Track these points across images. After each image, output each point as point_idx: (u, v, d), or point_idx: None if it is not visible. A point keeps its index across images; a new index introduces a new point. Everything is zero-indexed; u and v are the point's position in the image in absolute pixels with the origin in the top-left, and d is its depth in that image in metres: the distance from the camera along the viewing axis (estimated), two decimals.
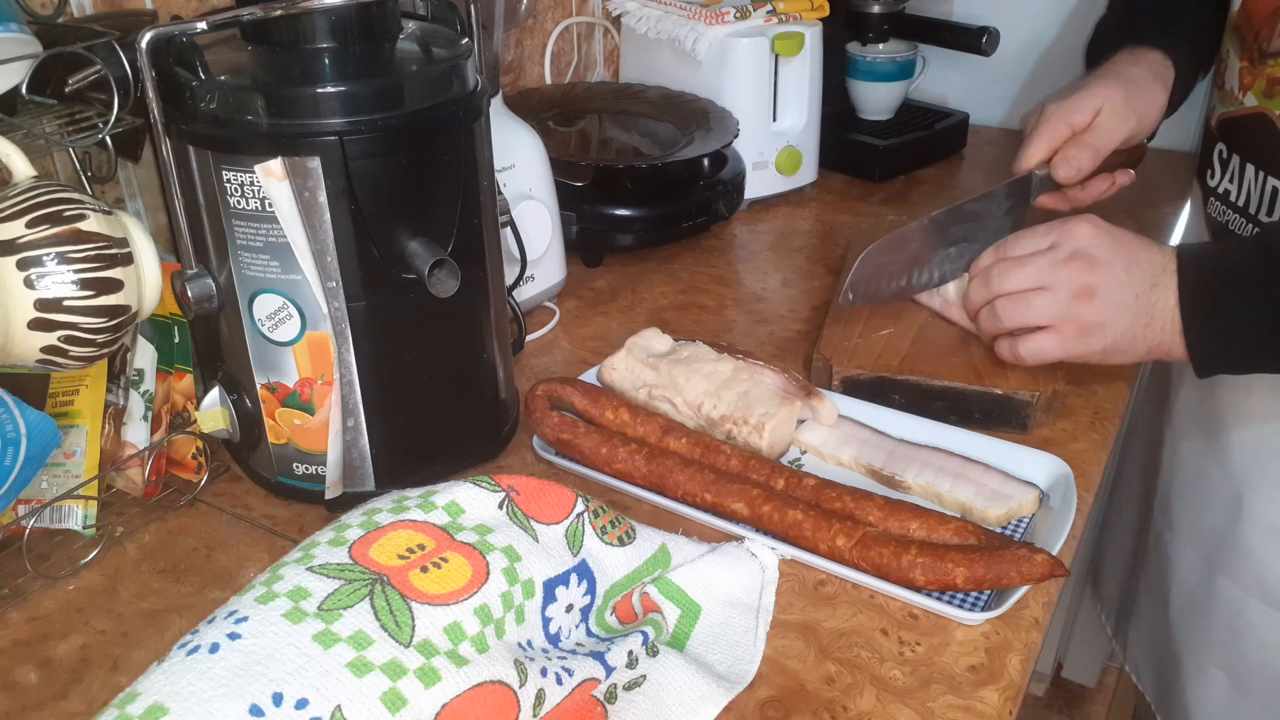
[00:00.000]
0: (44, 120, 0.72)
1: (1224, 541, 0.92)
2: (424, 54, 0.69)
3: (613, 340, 0.92)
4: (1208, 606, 0.95)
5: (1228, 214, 0.84)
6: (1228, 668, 0.94)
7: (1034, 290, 0.74)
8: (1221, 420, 0.92)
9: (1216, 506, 0.93)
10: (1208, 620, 0.95)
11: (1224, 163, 0.83)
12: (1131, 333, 0.71)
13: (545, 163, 0.96)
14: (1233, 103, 0.81)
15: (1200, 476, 0.95)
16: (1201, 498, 0.95)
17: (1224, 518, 0.92)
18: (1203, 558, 0.95)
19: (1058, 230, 0.74)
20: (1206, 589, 0.95)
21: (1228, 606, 0.93)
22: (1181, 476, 0.99)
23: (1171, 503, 1.01)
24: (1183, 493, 0.99)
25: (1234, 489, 0.90)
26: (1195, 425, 0.97)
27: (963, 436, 0.75)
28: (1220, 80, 0.84)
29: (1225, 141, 0.83)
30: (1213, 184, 0.86)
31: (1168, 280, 0.70)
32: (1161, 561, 1.03)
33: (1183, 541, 0.99)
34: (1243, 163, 0.81)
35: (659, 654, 0.56)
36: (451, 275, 0.64)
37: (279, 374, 0.68)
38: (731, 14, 1.18)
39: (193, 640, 0.46)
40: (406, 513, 0.54)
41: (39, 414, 0.66)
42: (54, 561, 0.68)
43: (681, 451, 0.72)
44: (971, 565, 0.60)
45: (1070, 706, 1.73)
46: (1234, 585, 0.91)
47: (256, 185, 0.62)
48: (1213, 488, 0.93)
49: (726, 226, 1.18)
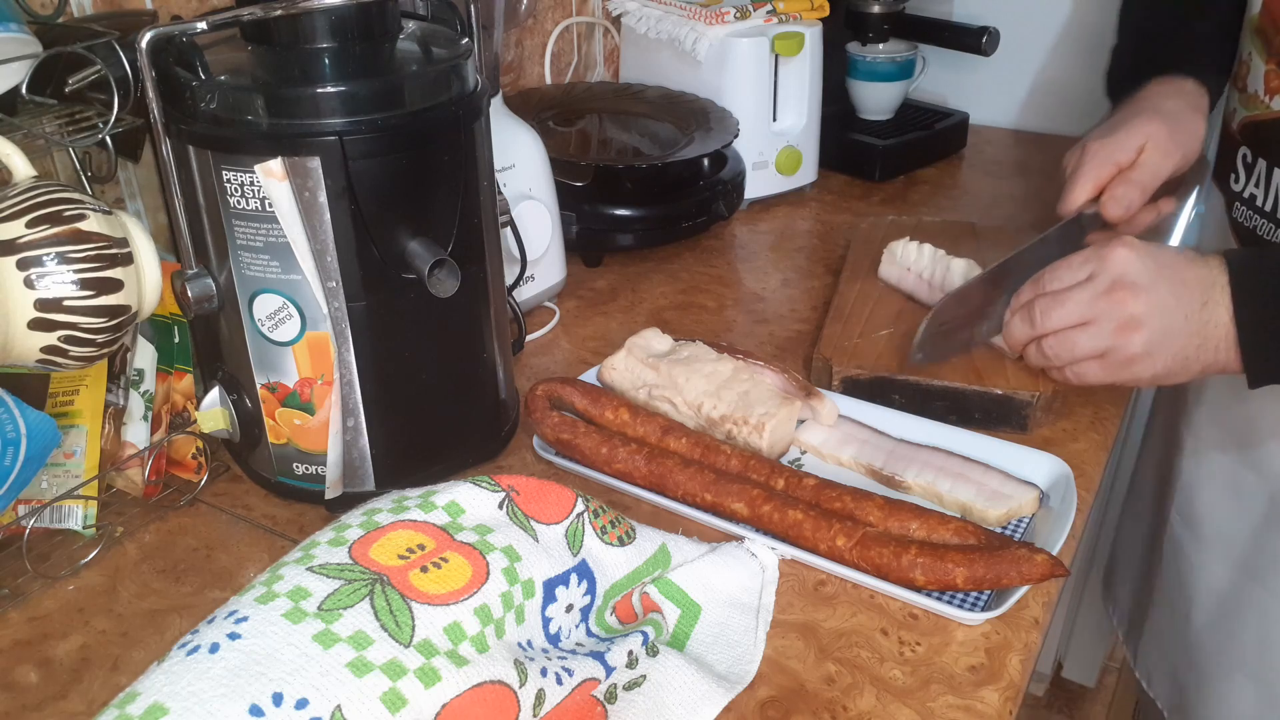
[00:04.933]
0: (44, 120, 0.72)
1: (1257, 549, 0.90)
2: (424, 54, 0.69)
3: (613, 340, 0.92)
4: (1237, 615, 0.93)
5: (1255, 219, 0.82)
6: (1257, 677, 0.92)
7: (1078, 327, 0.70)
8: (1255, 426, 0.90)
9: (1249, 513, 0.91)
10: (1236, 628, 0.94)
11: (1249, 167, 0.82)
12: (1184, 355, 0.68)
13: (545, 163, 0.96)
14: (1258, 106, 0.80)
15: (1231, 483, 0.93)
16: (1232, 504, 0.93)
17: (1258, 525, 0.90)
18: (1232, 565, 0.94)
19: (1095, 259, 0.70)
20: (1236, 597, 0.93)
21: (1259, 615, 0.91)
22: (1208, 483, 0.97)
23: (1196, 509, 0.98)
24: (1209, 499, 0.97)
25: (1269, 495, 0.89)
26: (1223, 431, 0.94)
27: (963, 436, 0.75)
28: (1241, 83, 0.83)
29: (1249, 145, 0.81)
30: (1237, 189, 0.84)
31: (1219, 295, 0.67)
32: (1182, 568, 1.01)
33: (1209, 548, 0.97)
34: (1270, 167, 0.79)
35: (659, 654, 0.56)
36: (451, 275, 0.64)
37: (279, 374, 0.68)
38: (731, 14, 1.18)
39: (193, 640, 0.46)
40: (406, 513, 0.54)
41: (39, 414, 0.66)
42: (54, 561, 0.68)
43: (681, 451, 0.72)
44: (971, 565, 0.60)
45: (1070, 706, 1.73)
46: (1265, 593, 0.89)
47: (256, 185, 0.62)
48: (1245, 495, 0.91)
49: (726, 226, 1.18)
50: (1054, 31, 1.40)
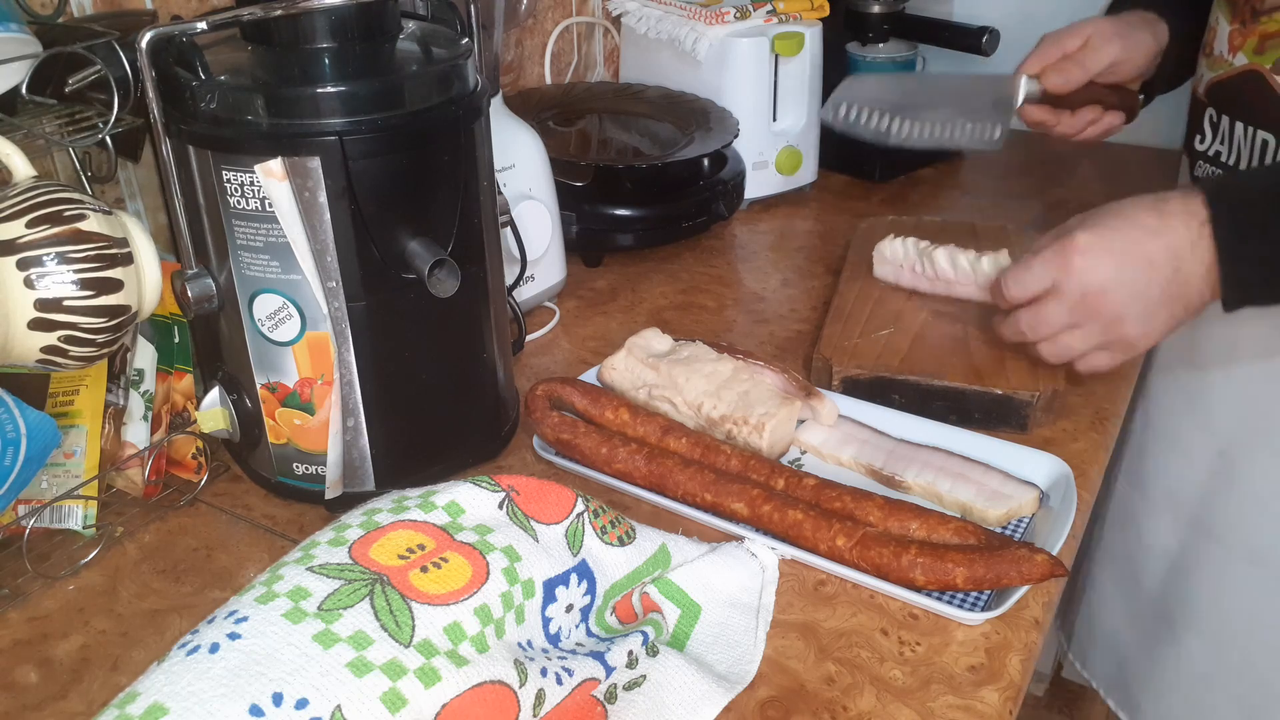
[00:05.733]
0: (44, 120, 0.72)
1: (1206, 506, 0.92)
2: (424, 54, 0.69)
3: (613, 340, 0.92)
4: (1189, 574, 0.95)
5: (1217, 174, 0.84)
6: (1210, 635, 0.93)
7: (1066, 330, 0.73)
8: (1206, 384, 0.92)
9: (1196, 470, 0.93)
10: (1189, 588, 0.95)
11: (1214, 126, 0.84)
12: (1173, 316, 0.70)
13: (545, 163, 0.96)
14: (1222, 66, 0.83)
15: (1179, 443, 0.95)
16: (1181, 461, 0.95)
17: (1205, 480, 0.92)
18: (1183, 524, 0.95)
19: (1054, 265, 0.71)
20: (1187, 555, 0.95)
21: (1213, 570, 0.92)
22: (1156, 444, 0.99)
23: (1145, 471, 1.01)
24: (1158, 462, 0.99)
25: (1217, 450, 0.91)
26: (1174, 395, 0.97)
27: (963, 436, 0.75)
28: (1208, 49, 0.86)
29: (1215, 106, 0.84)
30: (1202, 148, 0.86)
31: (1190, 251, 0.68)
32: (1129, 534, 1.02)
33: (1158, 509, 0.98)
34: (1233, 122, 0.82)
35: (659, 654, 0.56)
36: (451, 275, 0.64)
37: (279, 374, 0.68)
38: (731, 14, 1.18)
39: (193, 640, 0.46)
40: (406, 513, 0.54)
41: (39, 414, 0.66)
42: (54, 561, 0.68)
43: (681, 451, 0.72)
44: (971, 565, 0.60)
45: (1070, 706, 1.73)
46: (1218, 546, 0.91)
47: (256, 185, 0.62)
48: (1193, 453, 0.93)
49: (726, 226, 1.18)
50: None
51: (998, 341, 0.79)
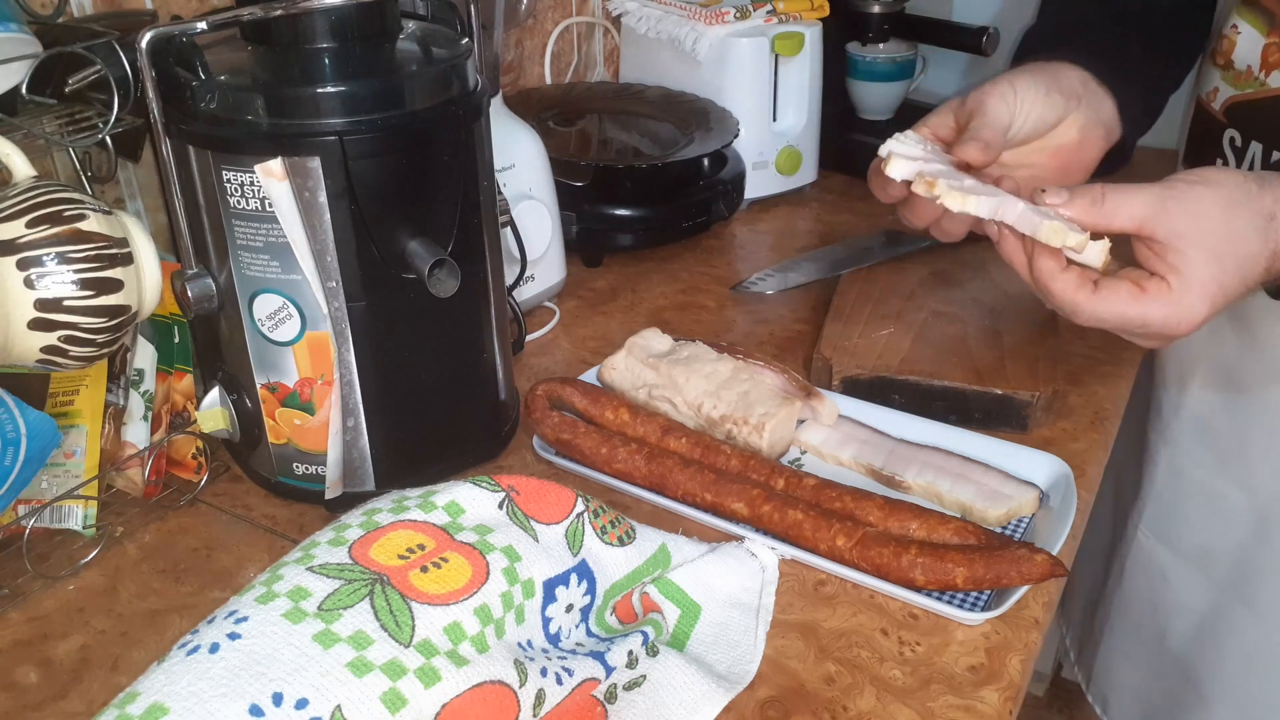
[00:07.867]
0: (44, 120, 0.72)
1: (1242, 570, 0.87)
2: (424, 54, 0.69)
3: (613, 340, 0.92)
4: (1219, 638, 0.90)
5: None
6: (1239, 704, 0.89)
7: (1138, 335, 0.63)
8: (1245, 443, 0.87)
9: (1233, 532, 0.88)
10: (1219, 654, 0.90)
11: (1239, 151, 0.75)
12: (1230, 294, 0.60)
13: (545, 163, 0.96)
14: (1249, 84, 0.74)
15: (1213, 500, 0.90)
16: (1215, 522, 0.90)
17: (1244, 545, 0.87)
18: (1215, 585, 0.90)
19: (1157, 309, 0.60)
20: (1218, 619, 0.90)
21: (1245, 639, 0.88)
22: (1188, 499, 0.93)
23: (1174, 525, 0.95)
24: (1189, 516, 0.93)
25: (1258, 514, 0.86)
26: (1206, 447, 0.91)
27: (963, 436, 0.75)
28: (1224, 59, 0.77)
29: (1238, 128, 0.75)
30: None
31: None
32: (1155, 585, 0.97)
33: (1188, 566, 0.93)
34: (1268, 151, 0.73)
35: (659, 654, 0.56)
36: (451, 275, 0.64)
37: (279, 374, 0.68)
38: (731, 14, 1.18)
39: (193, 640, 0.46)
40: (406, 513, 0.54)
41: (39, 414, 0.66)
42: (54, 561, 0.68)
43: (681, 451, 0.72)
44: (971, 565, 0.60)
45: (1070, 706, 1.73)
46: (1252, 615, 0.86)
47: (256, 185, 0.62)
48: (1229, 512, 0.88)
49: (726, 226, 1.18)
50: None
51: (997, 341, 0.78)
